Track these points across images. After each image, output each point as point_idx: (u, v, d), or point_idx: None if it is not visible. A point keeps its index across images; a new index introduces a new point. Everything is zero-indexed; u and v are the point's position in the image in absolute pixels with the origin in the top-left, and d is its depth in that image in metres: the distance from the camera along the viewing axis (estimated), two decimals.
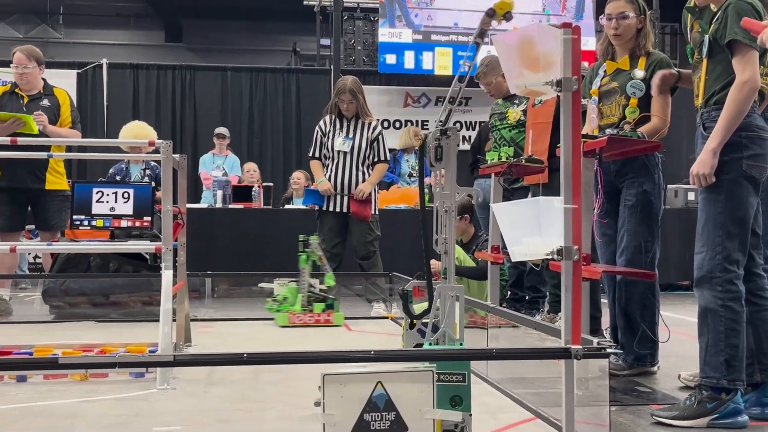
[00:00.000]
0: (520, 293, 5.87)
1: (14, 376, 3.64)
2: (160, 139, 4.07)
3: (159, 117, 11.59)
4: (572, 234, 2.39)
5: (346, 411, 2.25)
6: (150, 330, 4.28)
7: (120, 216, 5.50)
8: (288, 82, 12.15)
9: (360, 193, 6.10)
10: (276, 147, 12.02)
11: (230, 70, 12.07)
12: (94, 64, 11.57)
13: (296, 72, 12.48)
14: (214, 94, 11.96)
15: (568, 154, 2.40)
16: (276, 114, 12.06)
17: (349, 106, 6.13)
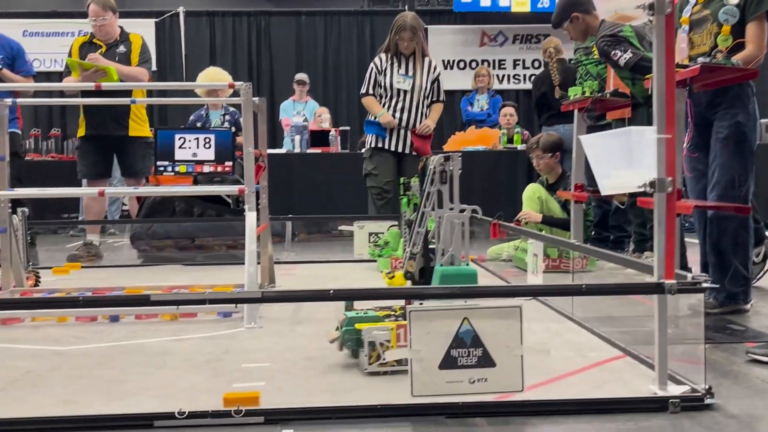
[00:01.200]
0: (605, 233, 5.76)
1: (108, 316, 3.76)
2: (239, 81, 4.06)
3: (236, 64, 11.68)
4: (665, 165, 2.30)
5: (432, 347, 2.25)
6: (235, 272, 4.35)
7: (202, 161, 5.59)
8: (362, 25, 12.05)
9: (425, 128, 6.03)
10: (351, 91, 11.98)
11: (304, 14, 12.03)
12: (171, 12, 11.69)
13: (370, 14, 12.35)
14: (289, 40, 11.96)
15: (661, 81, 2.29)
16: (351, 57, 12.00)
17: (409, 44, 6.01)
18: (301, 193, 7.84)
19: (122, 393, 2.53)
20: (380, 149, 6.11)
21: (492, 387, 2.26)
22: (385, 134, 6.09)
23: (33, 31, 11.55)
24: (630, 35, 4.87)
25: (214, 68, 8.17)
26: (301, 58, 11.88)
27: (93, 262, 6.01)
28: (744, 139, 3.69)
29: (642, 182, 2.30)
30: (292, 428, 2.17)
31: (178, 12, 11.68)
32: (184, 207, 6.29)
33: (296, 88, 9.75)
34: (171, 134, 5.64)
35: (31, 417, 2.24)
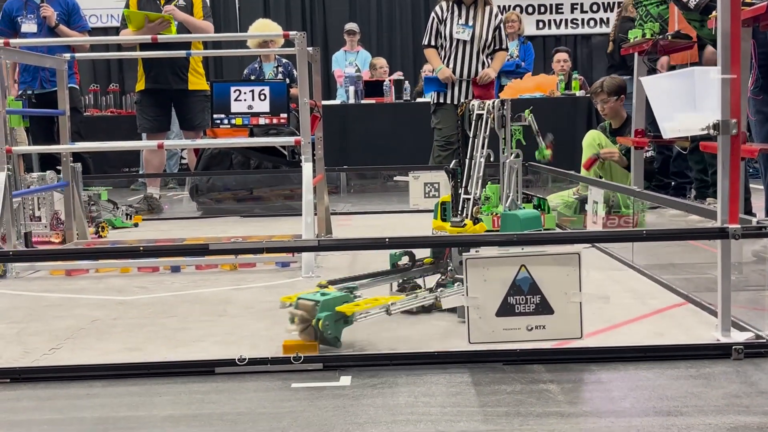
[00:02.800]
0: (666, 180, 5.64)
1: (169, 267, 3.83)
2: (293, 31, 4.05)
3: (289, 14, 11.64)
4: (730, 107, 2.23)
5: (489, 294, 2.24)
6: (293, 224, 4.39)
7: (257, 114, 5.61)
8: None
9: (485, 77, 5.95)
10: (405, 40, 11.84)
11: None
12: None
13: None
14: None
15: (726, 19, 2.21)
16: (404, 6, 11.84)
17: None
18: (357, 144, 7.83)
19: (185, 341, 2.59)
20: (442, 104, 6.07)
21: (550, 334, 2.25)
22: (446, 89, 6.02)
23: None
24: None
25: (264, 20, 8.16)
26: (354, 7, 11.77)
27: (154, 215, 6.12)
28: None
29: (706, 125, 2.23)
30: (350, 375, 2.20)
31: None
32: (241, 159, 6.35)
33: (347, 38, 9.67)
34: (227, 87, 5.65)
35: (98, 363, 2.31)
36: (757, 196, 4.14)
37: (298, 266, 3.69)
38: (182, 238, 4.44)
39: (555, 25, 11.64)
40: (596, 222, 4.08)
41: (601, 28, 11.44)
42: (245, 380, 2.19)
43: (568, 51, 9.10)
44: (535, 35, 11.12)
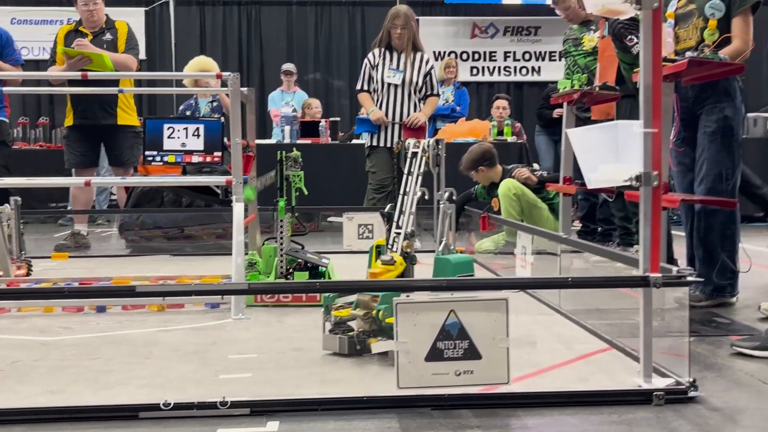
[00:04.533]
0: (592, 225, 5.78)
1: (94, 306, 3.75)
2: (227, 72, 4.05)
3: (226, 54, 11.64)
4: (652, 159, 2.31)
5: (418, 339, 2.25)
6: (224, 263, 4.34)
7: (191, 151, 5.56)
8: (353, 16, 12.02)
9: (415, 120, 6.05)
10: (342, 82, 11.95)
11: (295, 4, 11.99)
12: (161, 1, 11.62)
13: (361, 5, 12.31)
14: (280, 30, 11.92)
15: (648, 75, 2.30)
16: (342, 48, 11.97)
17: (402, 32, 6.02)
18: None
19: (109, 383, 2.53)
20: (376, 147, 6.16)
21: (478, 379, 2.27)
22: (376, 130, 6.11)
23: (21, 19, 11.46)
24: None
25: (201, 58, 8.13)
26: (291, 48, 11.85)
27: (81, 252, 5.99)
28: (731, 133, 3.71)
29: (628, 176, 2.31)
30: (278, 420, 2.18)
31: (168, 1, 11.61)
32: (172, 197, 6.28)
33: (284, 78, 9.72)
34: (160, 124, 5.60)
35: (17, 408, 2.24)
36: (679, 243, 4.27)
37: (228, 307, 3.66)
38: (109, 277, 4.35)
39: (488, 72, 11.90)
40: (525, 266, 4.16)
41: (532, 77, 11.76)
42: (170, 426, 2.15)
43: (508, 99, 9.31)
44: (469, 81, 11.35)
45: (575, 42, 5.61)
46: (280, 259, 3.91)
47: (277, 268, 3.91)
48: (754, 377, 2.64)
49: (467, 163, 6.07)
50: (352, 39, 11.97)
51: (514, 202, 5.67)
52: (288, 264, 3.91)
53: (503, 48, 11.93)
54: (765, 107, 8.38)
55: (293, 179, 4.09)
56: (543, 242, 4.89)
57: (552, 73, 11.32)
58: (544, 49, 11.77)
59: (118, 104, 6.14)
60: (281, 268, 3.91)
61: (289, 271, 3.91)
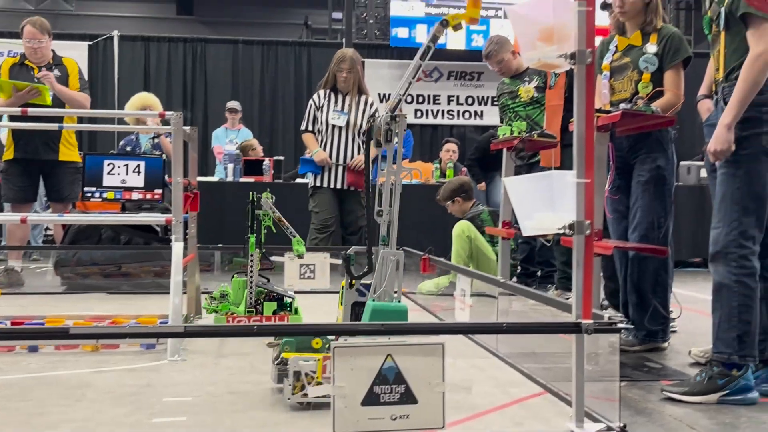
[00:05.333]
0: (532, 268, 5.87)
1: (26, 346, 3.66)
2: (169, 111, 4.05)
3: (170, 90, 11.58)
4: (584, 209, 2.38)
5: (355, 383, 2.26)
6: (161, 302, 4.29)
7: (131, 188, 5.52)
8: (299, 56, 12.09)
9: (359, 163, 6.12)
10: (287, 121, 11.97)
11: (241, 43, 12.02)
12: (105, 36, 11.54)
13: (308, 45, 12.42)
14: (226, 68, 11.92)
15: (581, 127, 2.37)
16: (287, 87, 12.02)
17: (348, 76, 6.10)
18: (233, 222, 7.76)
19: (40, 426, 2.48)
20: (319, 187, 6.19)
21: (413, 424, 2.28)
22: (319, 171, 6.15)
23: None
24: None
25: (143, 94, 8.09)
26: (236, 86, 11.85)
27: (14, 289, 5.85)
28: (663, 182, 3.83)
29: (562, 224, 2.37)
30: None
31: (112, 36, 11.54)
32: (111, 234, 6.18)
33: (228, 116, 9.71)
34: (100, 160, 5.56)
35: None
36: None
37: (164, 348, 3.61)
38: (43, 315, 4.25)
39: (432, 115, 12.07)
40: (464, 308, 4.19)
41: (475, 121, 11.97)
42: None
43: (458, 143, 9.45)
44: (414, 123, 11.49)
45: (511, 95, 5.75)
46: (250, 290, 4.06)
47: (247, 299, 4.06)
48: (683, 422, 2.71)
49: (445, 193, 6.26)
50: (298, 79, 12.03)
51: (466, 244, 5.74)
52: (257, 295, 4.08)
53: (447, 92, 12.12)
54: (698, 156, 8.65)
55: (263, 218, 4.35)
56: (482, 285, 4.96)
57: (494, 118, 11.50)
58: (487, 94, 12.00)
59: (61, 140, 6.07)
60: (251, 299, 4.06)
61: (258, 302, 4.08)
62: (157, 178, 5.58)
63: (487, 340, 3.81)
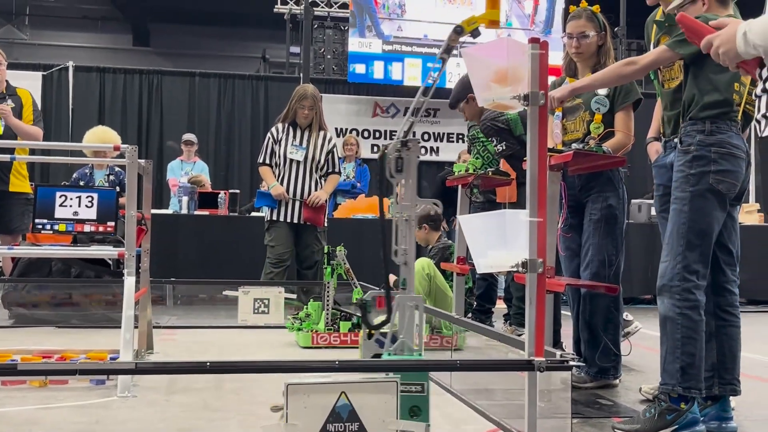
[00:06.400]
0: (487, 305, 5.89)
1: None
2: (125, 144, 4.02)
3: (125, 121, 11.49)
4: (537, 246, 2.41)
5: (309, 421, 2.25)
6: (112, 336, 4.22)
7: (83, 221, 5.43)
8: (257, 89, 12.11)
9: (316, 199, 6.13)
10: (243, 154, 11.94)
11: (198, 75, 12.00)
12: (60, 66, 11.44)
13: (265, 79, 12.44)
14: (182, 100, 11.88)
15: (534, 167, 2.42)
16: (244, 121, 12.01)
17: (309, 113, 6.13)
18: (188, 255, 7.70)
19: None
20: (275, 221, 6.18)
21: None
22: (276, 205, 6.14)
23: None
24: (513, 118, 5.14)
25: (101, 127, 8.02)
26: (193, 118, 11.80)
27: None
28: (615, 221, 3.91)
29: (515, 262, 2.40)
30: None
31: (67, 66, 11.44)
32: (62, 267, 6.08)
33: (184, 148, 9.65)
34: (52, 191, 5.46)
35: None
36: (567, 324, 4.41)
37: (114, 384, 3.54)
38: None
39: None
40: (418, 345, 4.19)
41: (431, 156, 12.07)
42: None
43: None
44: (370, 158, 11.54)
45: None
46: (327, 311, 4.96)
47: (325, 318, 4.96)
48: None
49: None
50: (255, 112, 12.03)
51: (425, 282, 5.73)
52: (333, 316, 4.97)
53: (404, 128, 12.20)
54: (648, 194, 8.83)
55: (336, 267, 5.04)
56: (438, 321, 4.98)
57: (450, 154, 11.66)
58: (443, 130, 12.13)
59: (11, 170, 5.98)
60: (327, 319, 4.96)
61: (335, 321, 4.98)
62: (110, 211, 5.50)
63: (442, 377, 3.82)
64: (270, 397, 2.67)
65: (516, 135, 5.19)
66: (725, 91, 3.06)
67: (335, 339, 4.94)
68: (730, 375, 3.19)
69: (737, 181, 3.09)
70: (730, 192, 3.09)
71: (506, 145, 5.18)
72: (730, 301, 3.21)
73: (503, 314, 5.98)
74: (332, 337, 4.94)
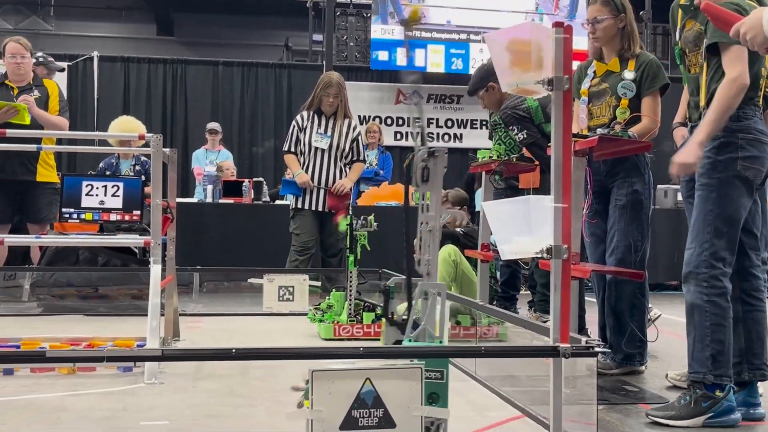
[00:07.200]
0: (512, 292, 5.87)
1: (1, 369, 3.62)
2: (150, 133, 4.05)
3: (149, 111, 11.55)
4: (562, 233, 2.40)
5: (334, 407, 2.25)
6: (138, 324, 4.26)
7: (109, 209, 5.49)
8: (279, 78, 12.11)
9: (341, 187, 6.13)
10: (267, 142, 11.97)
11: (222, 64, 12.02)
12: (85, 56, 11.51)
13: (288, 67, 12.44)
14: (206, 89, 11.90)
15: (558, 152, 2.40)
16: (267, 109, 12.02)
17: (334, 101, 6.12)
18: (213, 243, 7.75)
19: None
20: (300, 209, 6.19)
21: None
22: (301, 193, 6.15)
23: None
24: (533, 106, 5.11)
25: (126, 117, 8.09)
26: (216, 107, 11.83)
27: None
28: (641, 206, 3.87)
29: (539, 248, 2.38)
30: None
31: (92, 56, 11.51)
32: (88, 255, 6.15)
33: (208, 137, 9.70)
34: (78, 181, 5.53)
35: None
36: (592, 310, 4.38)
37: (141, 371, 3.58)
38: (19, 338, 4.21)
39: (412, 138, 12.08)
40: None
41: (455, 143, 12.03)
42: None
43: None
44: (393, 146, 11.52)
45: None
46: (350, 302, 4.80)
47: (347, 309, 4.81)
48: None
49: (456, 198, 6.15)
50: (278, 100, 12.04)
51: (451, 268, 5.71)
52: (356, 307, 4.83)
53: (427, 114, 12.18)
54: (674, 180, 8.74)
55: (359, 237, 4.81)
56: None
57: (473, 141, 11.61)
58: (467, 117, 12.08)
59: (38, 160, 6.04)
60: (350, 309, 4.81)
61: (358, 312, 4.84)
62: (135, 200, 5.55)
63: (466, 363, 3.81)
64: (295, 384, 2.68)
65: (536, 123, 5.16)
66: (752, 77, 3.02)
67: (358, 330, 4.81)
68: (759, 360, 3.16)
69: (763, 167, 3.06)
70: (756, 178, 3.05)
71: (527, 134, 5.15)
72: (755, 285, 3.18)
73: (527, 301, 5.97)
74: (355, 328, 4.81)
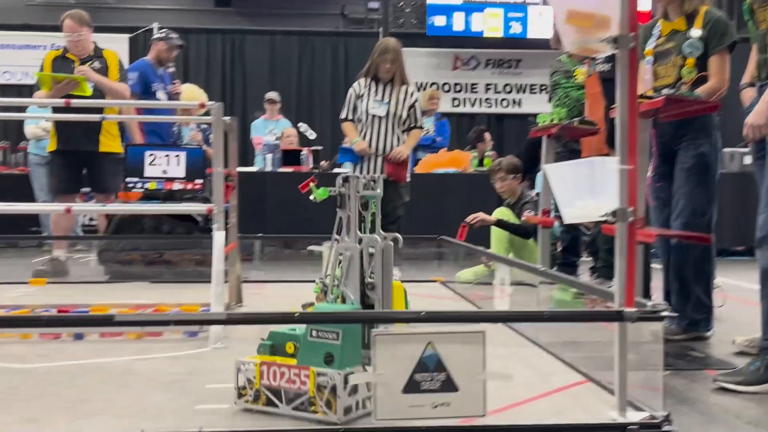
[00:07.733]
0: (572, 258, 5.80)
1: (72, 333, 3.72)
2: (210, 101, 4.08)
3: (209, 82, 11.66)
4: (627, 195, 2.35)
5: (396, 370, 2.26)
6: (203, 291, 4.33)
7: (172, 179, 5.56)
8: (336, 46, 12.11)
9: (398, 155, 6.08)
10: (324, 111, 12.00)
11: (279, 34, 12.06)
12: (145, 28, 11.65)
13: (344, 35, 12.42)
14: (263, 59, 11.98)
15: (624, 113, 2.34)
16: (324, 78, 12.04)
17: (390, 67, 6.05)
18: (273, 212, 7.83)
19: (85, 413, 2.52)
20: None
21: (454, 411, 2.28)
22: (358, 161, 6.14)
23: (4, 44, 11.46)
24: None
25: (189, 85, 8.17)
26: (274, 77, 11.90)
27: (59, 279, 5.95)
28: (707, 169, 3.77)
29: (604, 212, 2.34)
30: None
31: (152, 28, 11.64)
32: (153, 224, 6.26)
33: (267, 106, 9.75)
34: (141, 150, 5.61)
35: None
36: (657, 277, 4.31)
37: (207, 336, 3.65)
38: (88, 304, 4.32)
39: (470, 104, 12.01)
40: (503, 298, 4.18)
41: (513, 109, 11.89)
42: None
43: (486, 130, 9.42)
44: (450, 112, 11.44)
45: (566, 74, 5.60)
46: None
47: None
48: (729, 412, 2.67)
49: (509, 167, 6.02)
50: (335, 69, 12.05)
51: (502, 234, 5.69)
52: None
53: (484, 80, 12.05)
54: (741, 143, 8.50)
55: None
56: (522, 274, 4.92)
57: (533, 106, 11.46)
58: (525, 82, 11.91)
59: (102, 131, 6.15)
60: None
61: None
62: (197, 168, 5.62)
63: (528, 330, 3.79)
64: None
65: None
66: None
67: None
68: None
69: None
70: None
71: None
72: None
73: (588, 267, 5.90)
74: None
